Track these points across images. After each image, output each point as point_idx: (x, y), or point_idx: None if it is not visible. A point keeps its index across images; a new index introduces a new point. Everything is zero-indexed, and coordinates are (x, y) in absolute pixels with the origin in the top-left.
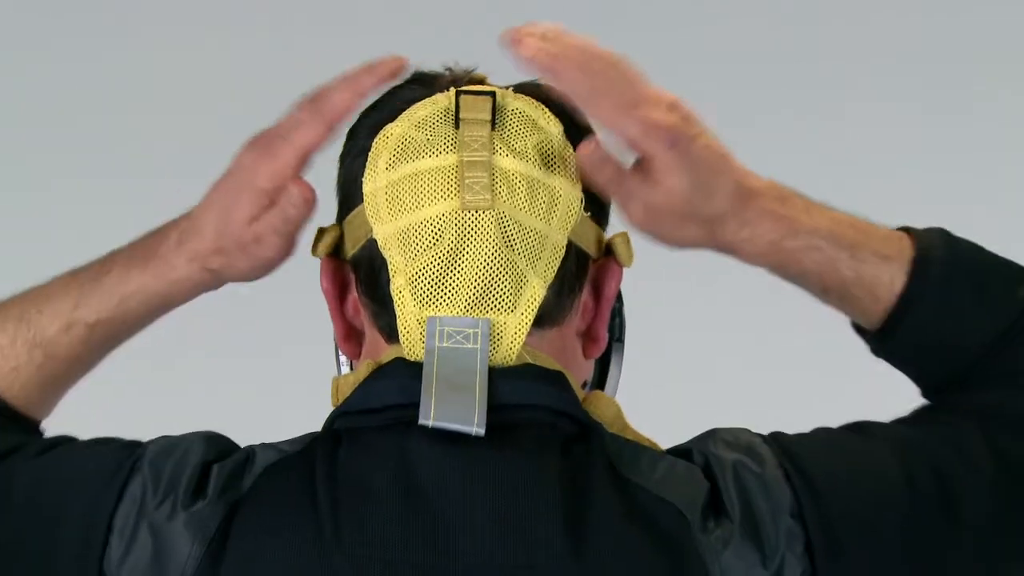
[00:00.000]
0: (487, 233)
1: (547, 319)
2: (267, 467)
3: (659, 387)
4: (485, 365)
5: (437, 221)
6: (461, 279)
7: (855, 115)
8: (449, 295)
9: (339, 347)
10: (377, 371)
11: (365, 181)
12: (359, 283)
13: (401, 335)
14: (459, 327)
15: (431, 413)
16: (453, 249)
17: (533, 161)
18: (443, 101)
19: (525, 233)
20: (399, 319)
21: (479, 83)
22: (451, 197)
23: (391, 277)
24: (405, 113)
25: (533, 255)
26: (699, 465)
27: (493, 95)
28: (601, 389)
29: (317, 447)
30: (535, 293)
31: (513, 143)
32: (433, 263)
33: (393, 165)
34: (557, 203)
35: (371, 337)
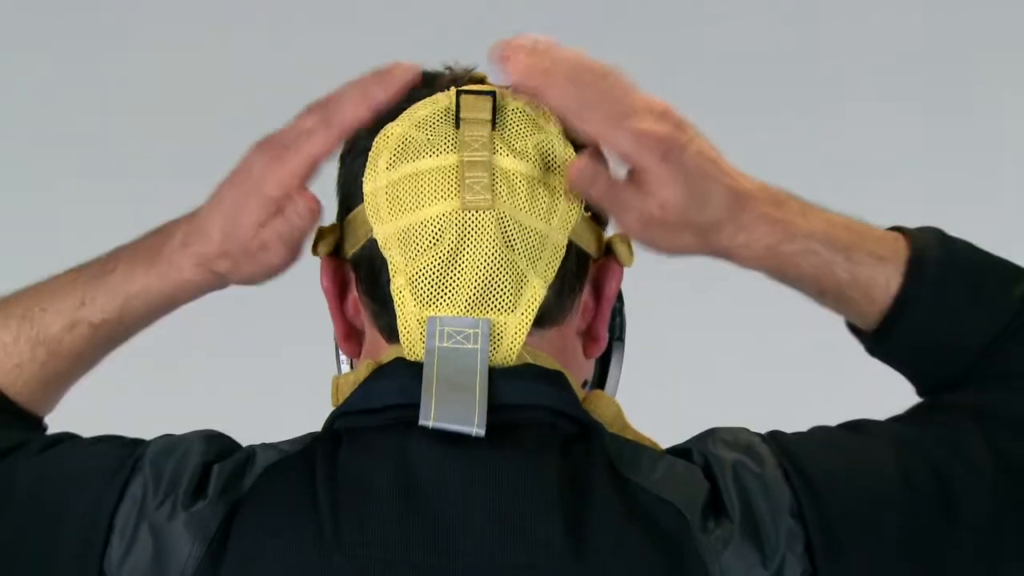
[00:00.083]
0: (487, 233)
1: (547, 319)
2: (267, 467)
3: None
4: (485, 365)
5: (437, 221)
6: (461, 279)
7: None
8: (449, 295)
9: (339, 346)
10: (377, 371)
11: (365, 181)
12: (359, 283)
13: (401, 335)
14: (459, 327)
15: (431, 414)
16: (453, 249)
17: (533, 161)
18: (443, 100)
19: (525, 233)
20: (399, 319)
21: (479, 82)
22: (451, 197)
23: (391, 277)
24: (405, 112)
25: (533, 255)
26: (699, 465)
27: (493, 94)
28: (601, 388)
29: (317, 447)
30: (535, 293)
31: (513, 143)
32: (433, 263)
33: (393, 165)
34: (557, 203)
35: (371, 336)
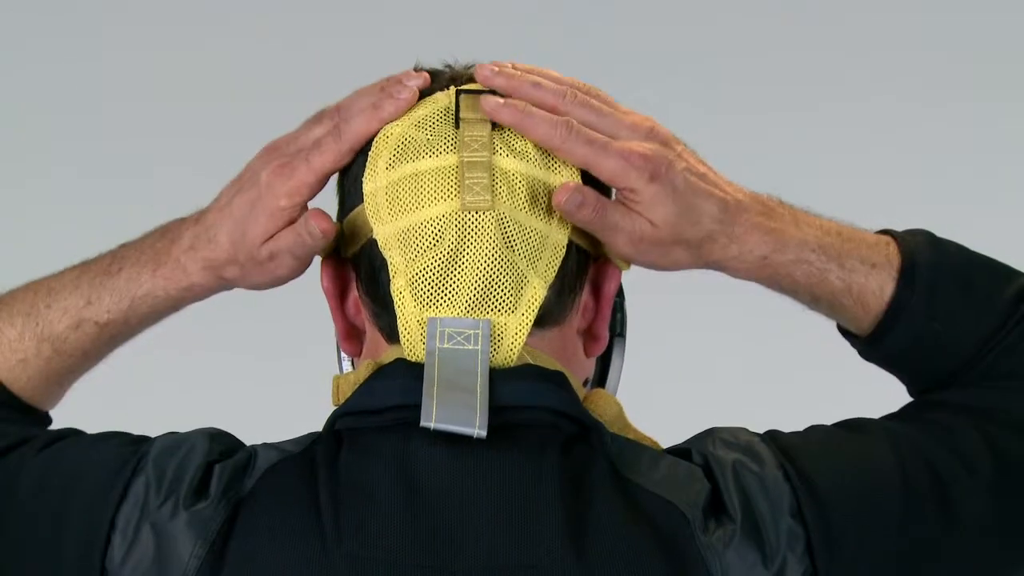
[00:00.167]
0: (487, 234)
1: (548, 319)
2: (269, 468)
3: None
4: (486, 366)
5: (437, 222)
6: (461, 280)
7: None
8: (449, 296)
9: (340, 346)
10: (378, 372)
11: (365, 181)
12: (359, 283)
13: (402, 336)
14: (459, 328)
15: (432, 415)
16: (453, 250)
17: (533, 160)
18: (443, 100)
19: (525, 233)
20: (399, 320)
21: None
22: (451, 198)
23: (391, 278)
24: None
25: (533, 255)
26: (699, 465)
27: (493, 94)
28: (602, 385)
29: (318, 448)
30: (536, 293)
31: (513, 143)
32: (433, 264)
33: (393, 165)
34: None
35: (372, 336)
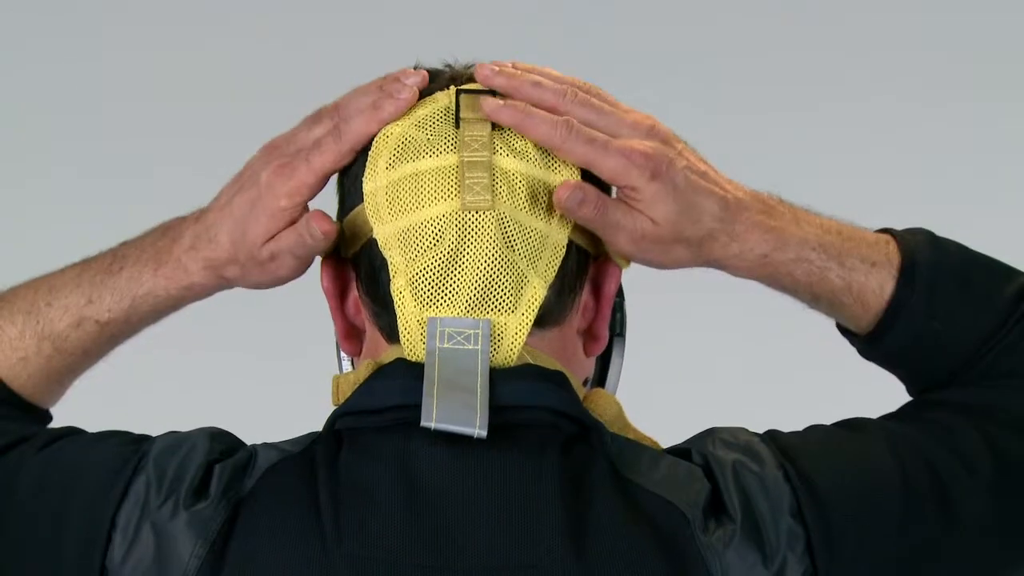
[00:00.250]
0: (488, 234)
1: (548, 319)
2: (269, 468)
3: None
4: (486, 366)
5: (438, 222)
6: (462, 280)
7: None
8: (450, 296)
9: (340, 346)
10: (378, 372)
11: (365, 180)
12: (359, 282)
13: (402, 336)
14: (460, 328)
15: (433, 415)
16: (454, 250)
17: (533, 160)
18: (443, 99)
19: (526, 233)
20: (399, 320)
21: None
22: (451, 198)
23: (391, 277)
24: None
25: (534, 255)
26: (699, 465)
27: (493, 93)
28: (602, 385)
29: (318, 448)
30: (536, 293)
31: (513, 142)
32: (434, 264)
33: (393, 165)
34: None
35: (372, 336)
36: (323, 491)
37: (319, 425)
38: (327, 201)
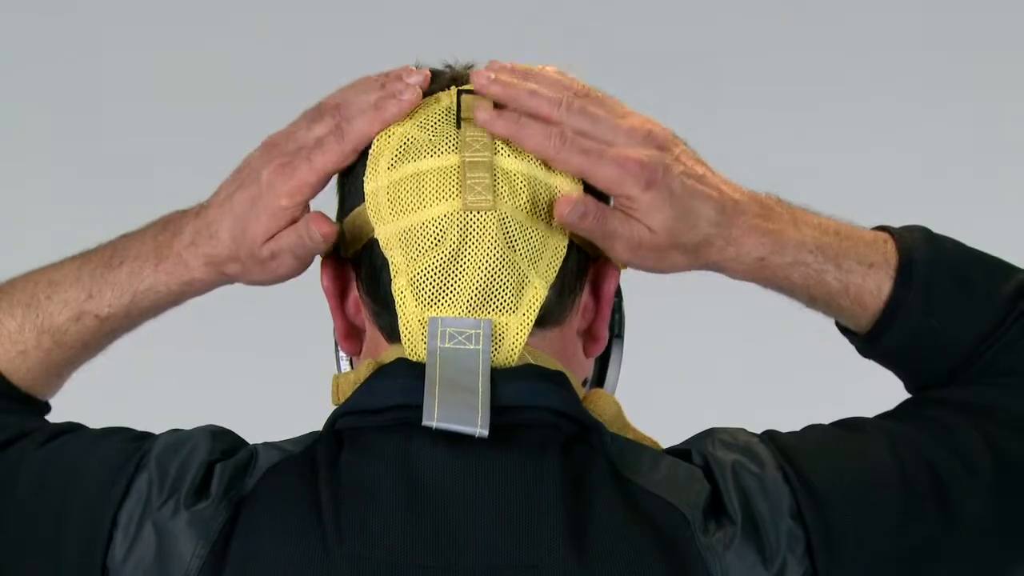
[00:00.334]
0: (489, 234)
1: (548, 319)
2: (270, 467)
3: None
4: (487, 366)
5: (439, 222)
6: (463, 280)
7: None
8: (451, 296)
9: (340, 345)
10: (379, 371)
11: (366, 180)
12: (360, 282)
13: (403, 335)
14: (461, 328)
15: (434, 415)
16: (455, 250)
17: (534, 161)
18: (444, 100)
19: (527, 233)
20: (400, 319)
21: None
22: (453, 198)
23: (392, 277)
24: None
25: (535, 255)
26: (699, 466)
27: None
28: (601, 386)
29: (319, 448)
30: (537, 293)
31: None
32: (435, 264)
33: (395, 165)
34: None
35: (372, 336)
36: (324, 491)
37: (319, 424)
38: (327, 201)
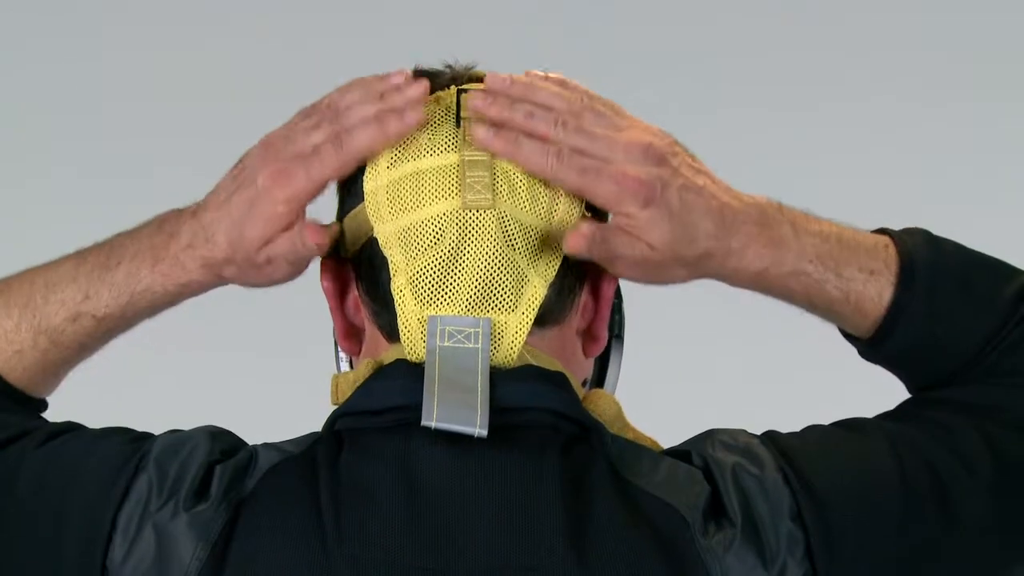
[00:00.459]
0: (488, 232)
1: (548, 318)
2: (269, 469)
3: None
4: (486, 365)
5: (438, 220)
6: (462, 278)
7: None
8: (450, 294)
9: (339, 345)
10: (378, 372)
11: (366, 179)
12: (359, 282)
13: (402, 334)
14: (460, 326)
15: (433, 414)
16: (454, 248)
17: None
18: (444, 99)
19: (526, 232)
20: (400, 318)
21: (479, 80)
22: (452, 196)
23: (392, 276)
24: None
25: (534, 254)
26: (699, 467)
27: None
28: (600, 386)
29: (319, 448)
30: (536, 292)
31: None
32: (434, 262)
33: (394, 164)
34: (558, 202)
35: (371, 335)
36: (324, 492)
37: (319, 425)
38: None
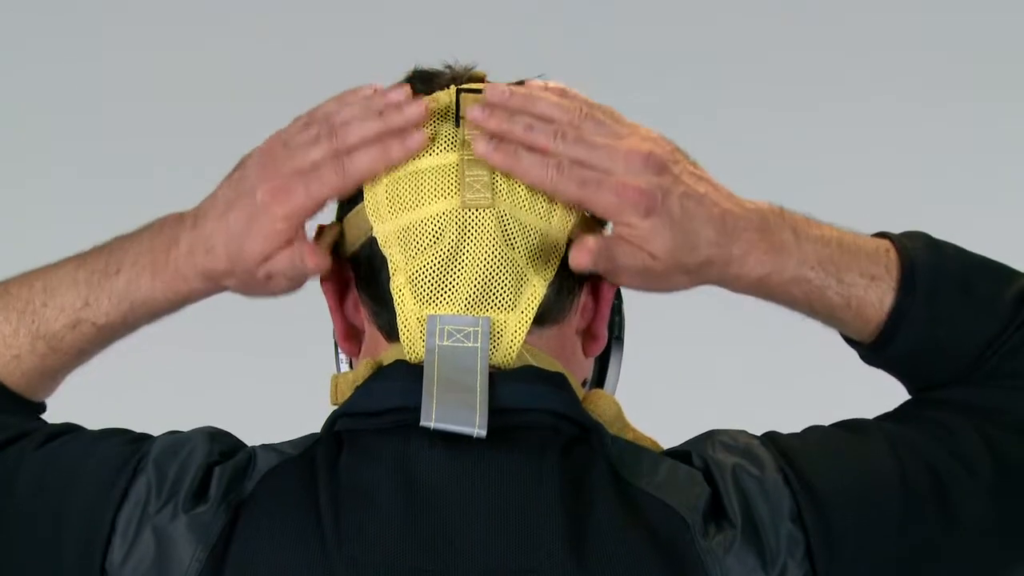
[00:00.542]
0: (487, 231)
1: (547, 317)
2: (269, 470)
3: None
4: (486, 364)
5: (438, 219)
6: (461, 277)
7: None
8: (449, 293)
9: (339, 346)
10: (377, 373)
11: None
12: (359, 281)
13: (401, 333)
14: (459, 325)
15: (432, 415)
16: (453, 247)
17: None
18: (444, 99)
19: (525, 231)
20: (399, 317)
21: (479, 80)
22: (452, 195)
23: (391, 275)
24: None
25: (533, 253)
26: (699, 469)
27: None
28: (600, 387)
29: (318, 450)
30: (535, 292)
31: None
32: (433, 262)
33: None
34: (557, 201)
35: (371, 335)
36: (323, 494)
37: (318, 425)
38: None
